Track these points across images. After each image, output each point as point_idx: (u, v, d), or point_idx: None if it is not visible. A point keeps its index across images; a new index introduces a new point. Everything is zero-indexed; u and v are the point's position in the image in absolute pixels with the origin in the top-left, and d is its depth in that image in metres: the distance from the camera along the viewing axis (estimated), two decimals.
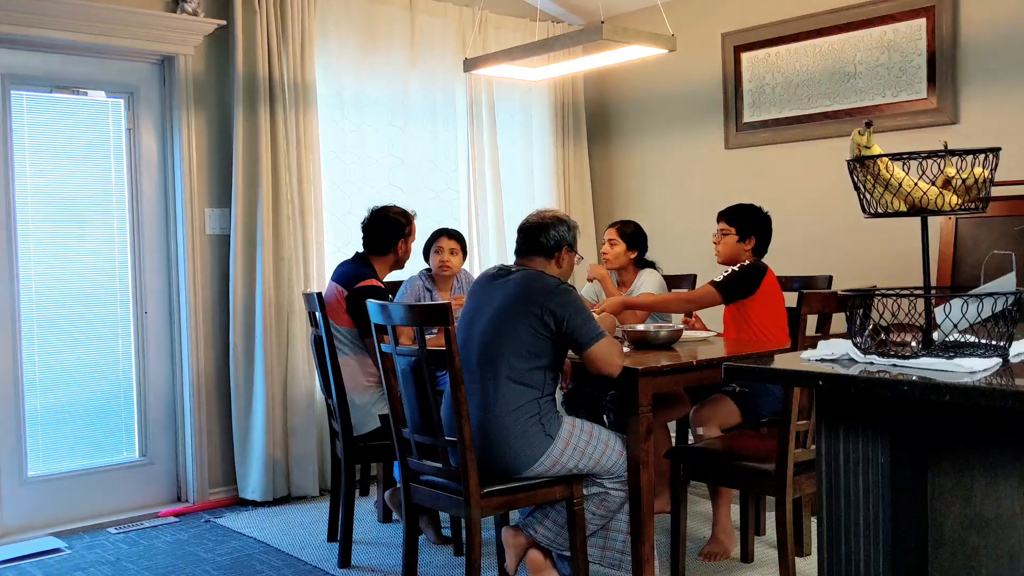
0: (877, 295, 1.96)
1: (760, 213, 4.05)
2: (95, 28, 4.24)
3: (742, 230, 4.00)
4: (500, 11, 5.68)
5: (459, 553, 3.89)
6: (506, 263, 3.45)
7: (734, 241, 4.00)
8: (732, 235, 4.01)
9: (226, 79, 4.68)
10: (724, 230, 4.04)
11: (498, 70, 4.63)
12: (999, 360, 1.84)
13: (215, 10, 4.64)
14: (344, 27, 5.06)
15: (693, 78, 5.58)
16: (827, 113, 4.97)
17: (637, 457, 3.20)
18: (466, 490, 3.02)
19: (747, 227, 4.00)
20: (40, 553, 4.02)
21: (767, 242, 4.04)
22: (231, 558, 3.94)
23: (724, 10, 5.41)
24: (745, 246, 4.00)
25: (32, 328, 4.31)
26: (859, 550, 1.90)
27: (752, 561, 3.72)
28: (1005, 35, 4.37)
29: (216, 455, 4.72)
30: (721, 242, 4.05)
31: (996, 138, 4.18)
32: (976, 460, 1.81)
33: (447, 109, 5.53)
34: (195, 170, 4.61)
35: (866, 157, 1.98)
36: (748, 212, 4.04)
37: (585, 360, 3.14)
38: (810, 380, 1.91)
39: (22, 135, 4.27)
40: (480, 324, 3.18)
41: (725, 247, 4.04)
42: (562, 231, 3.28)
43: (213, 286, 4.70)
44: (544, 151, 5.97)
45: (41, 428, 4.35)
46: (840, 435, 1.92)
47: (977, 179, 1.94)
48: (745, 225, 4.00)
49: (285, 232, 4.70)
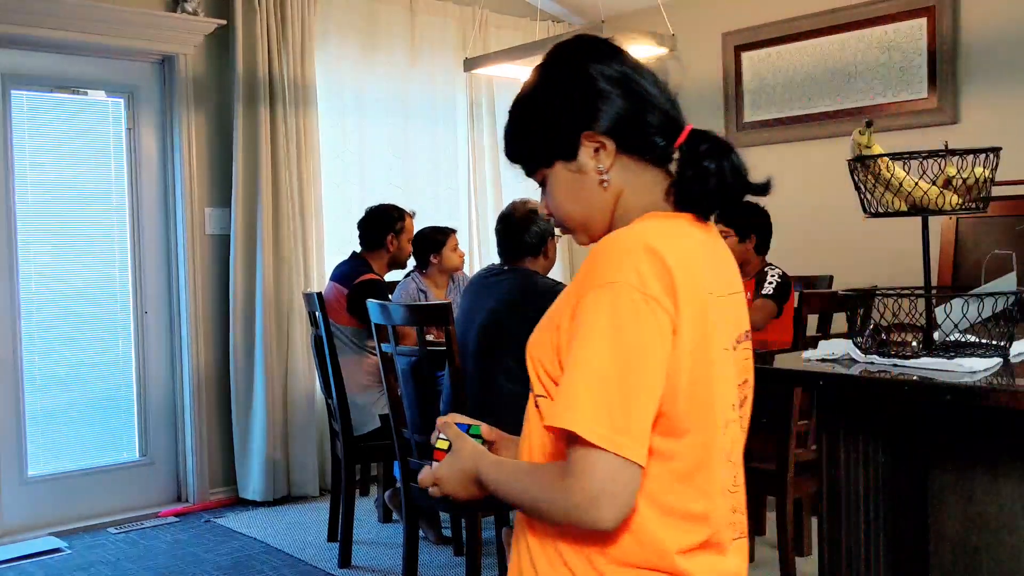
0: (878, 295, 1.96)
1: (756, 209, 4.00)
2: (95, 28, 4.24)
3: (741, 230, 3.96)
4: (500, 11, 5.68)
5: (459, 553, 3.88)
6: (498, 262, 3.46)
7: (735, 243, 3.97)
8: (732, 236, 3.97)
9: (226, 79, 4.68)
10: (723, 232, 4.00)
11: (498, 70, 4.63)
12: (999, 360, 1.84)
13: (215, 10, 4.63)
14: (344, 26, 5.06)
15: (693, 78, 5.58)
16: (827, 113, 4.96)
17: None
18: None
19: (746, 226, 3.97)
20: (40, 553, 4.01)
21: (768, 239, 4.02)
22: (231, 558, 3.94)
23: (724, 10, 5.40)
24: (747, 245, 3.98)
25: (32, 328, 4.31)
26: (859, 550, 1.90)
27: (752, 561, 3.72)
28: (1005, 35, 4.37)
29: (216, 455, 4.71)
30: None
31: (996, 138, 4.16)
32: (977, 460, 1.81)
33: (447, 109, 5.53)
34: (195, 170, 4.61)
35: (867, 157, 1.98)
36: (744, 210, 4.00)
37: None
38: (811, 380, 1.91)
39: (22, 135, 4.27)
40: (475, 326, 3.19)
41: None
42: (541, 224, 3.28)
43: (213, 286, 4.70)
44: None
45: (41, 428, 4.35)
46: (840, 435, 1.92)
47: (978, 179, 1.94)
48: (743, 225, 3.97)
49: (285, 232, 4.70)
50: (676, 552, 1.18)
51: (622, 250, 1.16)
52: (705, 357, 1.18)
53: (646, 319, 1.12)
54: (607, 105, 1.24)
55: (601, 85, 1.25)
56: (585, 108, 1.24)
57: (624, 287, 1.13)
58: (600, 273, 1.16)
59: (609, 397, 1.11)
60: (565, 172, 1.28)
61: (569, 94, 1.25)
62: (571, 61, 1.28)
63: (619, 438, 1.10)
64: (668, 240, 1.18)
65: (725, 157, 1.25)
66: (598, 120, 1.24)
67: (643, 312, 1.12)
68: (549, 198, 1.32)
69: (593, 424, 1.10)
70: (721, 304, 1.23)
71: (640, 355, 1.12)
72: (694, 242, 1.24)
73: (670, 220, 1.24)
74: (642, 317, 1.12)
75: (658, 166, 1.27)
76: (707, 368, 1.18)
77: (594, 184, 1.26)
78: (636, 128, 1.25)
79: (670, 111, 1.28)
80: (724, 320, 1.24)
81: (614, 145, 1.24)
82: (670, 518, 1.18)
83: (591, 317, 1.14)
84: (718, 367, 1.21)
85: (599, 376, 1.11)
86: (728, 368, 1.24)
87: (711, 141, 1.26)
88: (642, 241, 1.16)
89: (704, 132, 1.27)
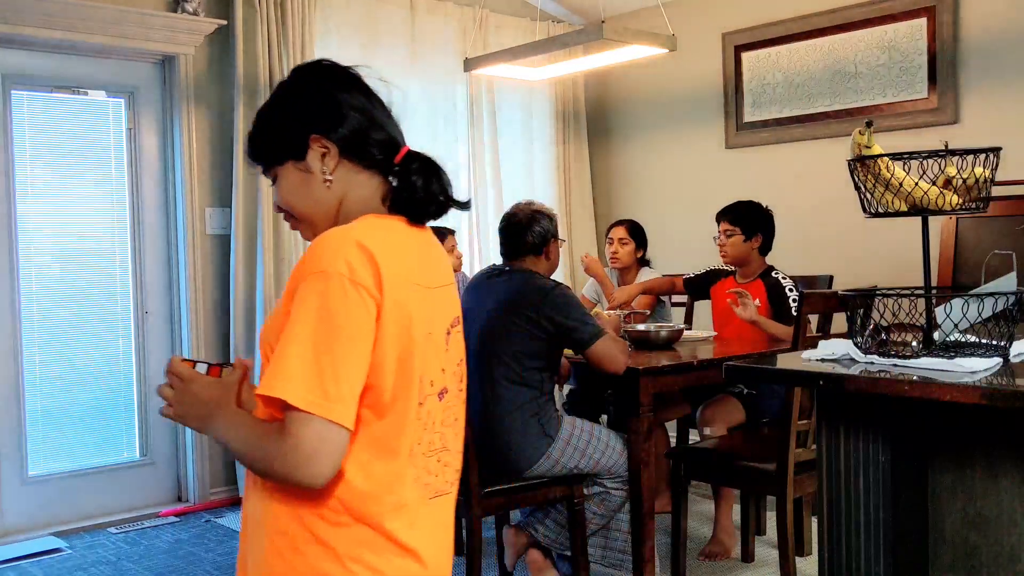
0: (878, 295, 1.97)
1: (761, 209, 4.01)
2: (95, 28, 4.24)
3: (747, 228, 3.96)
4: (500, 11, 5.68)
5: (459, 553, 3.88)
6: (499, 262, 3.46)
7: (741, 241, 3.97)
8: (738, 235, 3.97)
9: (227, 79, 4.68)
10: (728, 231, 3.99)
11: (498, 70, 4.63)
12: (1000, 360, 1.84)
13: (215, 10, 4.64)
14: (344, 26, 5.06)
15: (693, 78, 5.58)
16: (828, 113, 4.97)
17: (638, 457, 3.20)
18: (467, 490, 3.02)
19: (752, 225, 3.96)
20: (40, 553, 4.02)
21: (771, 238, 4.02)
22: (231, 558, 3.94)
23: (724, 10, 5.41)
24: (752, 244, 3.97)
25: (32, 328, 4.31)
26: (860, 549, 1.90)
27: (753, 561, 3.72)
28: (1005, 35, 4.37)
29: (217, 455, 4.71)
30: (727, 243, 3.97)
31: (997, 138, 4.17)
32: (977, 459, 1.81)
33: (447, 109, 5.53)
34: (195, 170, 4.61)
35: (867, 157, 1.98)
36: (750, 209, 4.00)
37: (588, 359, 3.14)
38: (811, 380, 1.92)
39: (22, 135, 4.27)
40: (475, 326, 3.19)
41: (733, 248, 3.98)
42: (544, 224, 3.28)
43: (214, 286, 4.70)
44: (544, 151, 5.97)
45: (42, 428, 4.35)
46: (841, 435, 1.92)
47: (978, 179, 1.94)
48: (749, 223, 3.96)
49: (285, 232, 4.70)
50: (379, 509, 1.34)
51: (335, 244, 1.32)
52: (409, 339, 1.35)
53: (354, 302, 1.29)
54: (338, 118, 1.44)
55: (336, 100, 1.45)
56: (319, 117, 1.43)
57: (334, 275, 1.29)
58: (315, 263, 1.31)
59: (320, 368, 1.26)
60: (295, 171, 1.45)
61: (307, 104, 1.45)
62: (313, 79, 1.48)
63: (328, 404, 1.25)
64: (378, 237, 1.35)
65: (433, 174, 1.47)
66: (328, 129, 1.43)
67: (351, 296, 1.29)
68: (280, 193, 1.48)
69: (304, 392, 1.25)
70: (432, 295, 1.42)
71: (348, 333, 1.28)
72: (404, 240, 1.42)
73: (384, 220, 1.43)
74: (350, 300, 1.28)
75: (378, 176, 1.47)
76: (410, 348, 1.36)
77: (319, 184, 1.43)
78: (360, 141, 1.45)
79: (392, 133, 1.50)
80: (435, 308, 1.43)
81: (338, 151, 1.43)
82: (373, 479, 1.34)
83: (305, 300, 1.29)
84: (420, 348, 1.37)
85: (310, 350, 1.26)
86: (431, 350, 1.41)
87: (422, 161, 1.48)
88: (353, 237, 1.33)
89: (418, 153, 1.49)
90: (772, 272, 3.96)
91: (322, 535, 1.33)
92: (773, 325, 3.77)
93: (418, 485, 1.41)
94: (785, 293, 3.84)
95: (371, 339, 1.30)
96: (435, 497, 1.46)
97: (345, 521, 1.33)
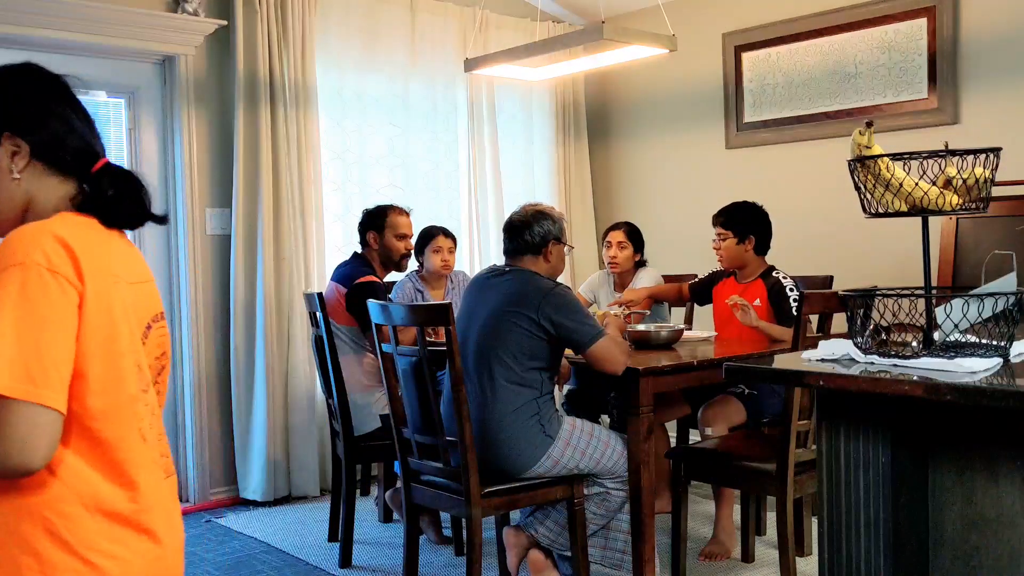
0: (878, 295, 1.96)
1: (755, 210, 4.00)
2: (95, 28, 4.24)
3: (740, 231, 3.95)
4: (501, 11, 5.68)
5: (460, 553, 3.89)
6: (500, 263, 3.46)
7: (734, 244, 3.97)
8: (731, 238, 3.97)
9: (227, 79, 4.68)
10: (722, 234, 3.99)
11: (499, 70, 4.63)
12: (1000, 360, 1.84)
13: (215, 10, 4.64)
14: (345, 27, 5.06)
15: (694, 78, 5.58)
16: (828, 113, 4.97)
17: (638, 457, 3.20)
18: (467, 490, 3.02)
19: (744, 227, 3.96)
20: None
21: (768, 239, 4.01)
22: (232, 558, 3.94)
23: (725, 10, 5.41)
24: (746, 247, 3.97)
25: None
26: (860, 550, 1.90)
27: (753, 561, 3.72)
28: (1006, 35, 4.37)
29: (217, 455, 4.72)
30: (722, 247, 3.99)
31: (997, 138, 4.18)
32: (977, 460, 1.81)
33: (448, 109, 5.53)
34: (196, 170, 4.61)
35: (867, 157, 1.98)
36: (743, 212, 3.99)
37: (588, 359, 3.14)
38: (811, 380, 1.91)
39: None
40: (475, 326, 3.19)
41: (727, 251, 3.98)
42: (546, 225, 3.27)
43: (214, 286, 4.70)
44: (544, 151, 5.97)
45: None
46: (841, 435, 1.92)
47: (978, 179, 1.94)
48: (742, 226, 3.95)
49: (286, 232, 4.70)
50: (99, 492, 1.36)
51: (31, 236, 1.34)
52: (114, 328, 1.38)
53: (54, 291, 1.31)
54: (36, 121, 1.48)
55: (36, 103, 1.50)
56: (17, 117, 1.47)
57: (32, 265, 1.30)
58: (10, 256, 1.32)
59: (24, 355, 1.27)
60: None
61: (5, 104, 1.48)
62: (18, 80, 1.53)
63: (36, 389, 1.26)
64: (75, 232, 1.38)
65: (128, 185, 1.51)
66: (24, 130, 1.46)
67: (51, 285, 1.30)
68: None
69: (9, 380, 1.25)
70: (131, 289, 1.45)
71: (51, 320, 1.30)
72: (101, 236, 1.45)
73: (80, 218, 1.46)
74: (50, 289, 1.30)
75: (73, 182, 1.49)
76: (116, 337, 1.38)
77: (7, 180, 1.46)
78: (56, 146, 1.48)
79: (91, 142, 1.54)
80: (134, 303, 1.45)
81: (29, 151, 1.46)
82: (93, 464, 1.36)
83: (4, 292, 1.29)
84: (128, 338, 1.41)
85: (12, 339, 1.27)
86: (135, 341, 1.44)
87: (119, 173, 1.52)
88: (49, 230, 1.35)
89: (116, 166, 1.53)
90: (773, 272, 3.96)
91: (57, 529, 1.33)
92: (774, 329, 3.78)
93: (156, 467, 1.46)
94: (786, 293, 3.85)
95: (74, 327, 1.32)
96: (168, 477, 1.51)
97: (76, 512, 1.34)
